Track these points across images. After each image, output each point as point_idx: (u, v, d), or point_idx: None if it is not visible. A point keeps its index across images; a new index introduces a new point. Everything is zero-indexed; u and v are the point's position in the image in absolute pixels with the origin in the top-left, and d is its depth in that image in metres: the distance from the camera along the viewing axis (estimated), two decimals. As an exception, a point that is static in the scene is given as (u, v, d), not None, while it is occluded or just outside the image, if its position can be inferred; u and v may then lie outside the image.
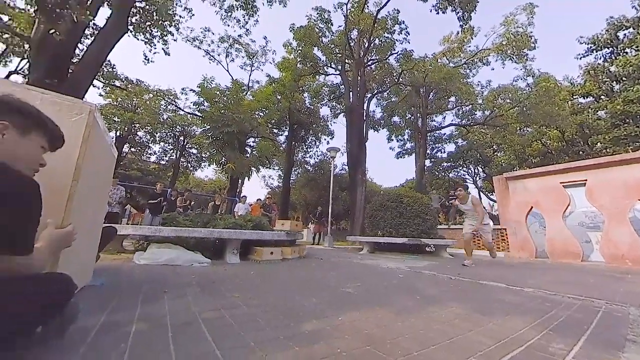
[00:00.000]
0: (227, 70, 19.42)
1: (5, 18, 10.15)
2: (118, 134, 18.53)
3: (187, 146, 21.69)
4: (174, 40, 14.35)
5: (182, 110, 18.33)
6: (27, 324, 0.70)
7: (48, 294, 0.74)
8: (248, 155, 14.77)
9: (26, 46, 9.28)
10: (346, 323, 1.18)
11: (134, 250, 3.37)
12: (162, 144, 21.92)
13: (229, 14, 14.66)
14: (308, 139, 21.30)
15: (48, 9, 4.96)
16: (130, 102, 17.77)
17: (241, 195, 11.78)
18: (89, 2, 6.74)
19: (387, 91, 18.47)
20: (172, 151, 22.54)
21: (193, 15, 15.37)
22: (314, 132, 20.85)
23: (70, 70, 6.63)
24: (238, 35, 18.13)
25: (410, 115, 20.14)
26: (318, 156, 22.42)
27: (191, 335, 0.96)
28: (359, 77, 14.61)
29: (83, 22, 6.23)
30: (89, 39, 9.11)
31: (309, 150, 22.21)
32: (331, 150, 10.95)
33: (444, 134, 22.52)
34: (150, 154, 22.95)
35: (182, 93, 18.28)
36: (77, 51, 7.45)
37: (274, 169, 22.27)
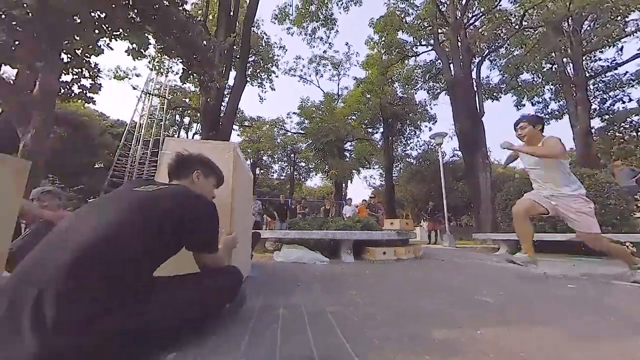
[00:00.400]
0: (319, 87, 21.56)
1: (187, 100, 15.55)
2: (251, 161, 24.26)
3: (297, 161, 25.39)
4: (276, 77, 17.30)
5: (290, 131, 21.72)
6: (225, 300, 1.03)
7: (233, 279, 1.07)
8: (347, 159, 15.43)
9: (198, 115, 13.88)
10: (487, 338, 0.97)
11: (273, 250, 4.24)
12: (279, 163, 26.76)
13: (313, 36, 16.18)
14: (406, 131, 19.79)
15: (204, 85, 7.37)
16: (255, 135, 22.88)
17: (347, 198, 12.41)
18: (223, 72, 9.35)
19: (505, 46, 14.33)
20: (286, 167, 27.01)
21: (286, 50, 17.96)
22: (412, 122, 19.16)
23: (220, 123, 9.39)
24: (323, 52, 19.74)
25: (550, 65, 14.59)
26: (420, 146, 20.35)
27: (322, 325, 1.09)
28: (459, 43, 12.22)
29: (222, 87, 8.75)
30: (226, 97, 12.61)
31: (408, 142, 20.58)
32: (436, 136, 9.62)
33: (624, 74, 14.36)
34: (272, 172, 28.50)
35: (288, 117, 21.70)
36: (221, 108, 10.52)
37: (373, 168, 22.10)
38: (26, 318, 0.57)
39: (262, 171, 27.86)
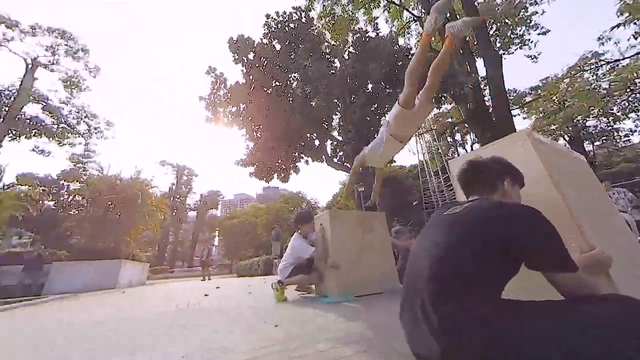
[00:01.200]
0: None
1: (449, 120, 15.92)
2: (567, 138, 16.89)
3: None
4: (542, 13, 12.36)
5: (622, 58, 12.59)
6: (620, 346, 0.59)
7: (628, 314, 0.64)
8: None
9: (466, 126, 13.42)
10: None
11: None
12: (628, 116, 15.62)
13: None
14: None
15: (456, 96, 7.29)
16: (553, 102, 16.26)
17: None
18: (469, 69, 8.59)
19: None
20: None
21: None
22: None
23: (493, 119, 8.14)
24: None
25: None
26: None
27: None
28: None
29: (476, 81, 8.00)
30: (485, 89, 10.85)
31: None
32: None
33: None
34: (617, 137, 17.02)
35: (602, 43, 13.09)
36: (485, 103, 9.20)
37: None
38: (420, 316, 0.79)
39: (596, 144, 17.89)
